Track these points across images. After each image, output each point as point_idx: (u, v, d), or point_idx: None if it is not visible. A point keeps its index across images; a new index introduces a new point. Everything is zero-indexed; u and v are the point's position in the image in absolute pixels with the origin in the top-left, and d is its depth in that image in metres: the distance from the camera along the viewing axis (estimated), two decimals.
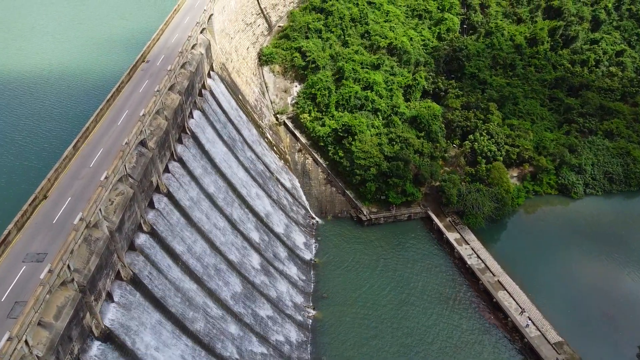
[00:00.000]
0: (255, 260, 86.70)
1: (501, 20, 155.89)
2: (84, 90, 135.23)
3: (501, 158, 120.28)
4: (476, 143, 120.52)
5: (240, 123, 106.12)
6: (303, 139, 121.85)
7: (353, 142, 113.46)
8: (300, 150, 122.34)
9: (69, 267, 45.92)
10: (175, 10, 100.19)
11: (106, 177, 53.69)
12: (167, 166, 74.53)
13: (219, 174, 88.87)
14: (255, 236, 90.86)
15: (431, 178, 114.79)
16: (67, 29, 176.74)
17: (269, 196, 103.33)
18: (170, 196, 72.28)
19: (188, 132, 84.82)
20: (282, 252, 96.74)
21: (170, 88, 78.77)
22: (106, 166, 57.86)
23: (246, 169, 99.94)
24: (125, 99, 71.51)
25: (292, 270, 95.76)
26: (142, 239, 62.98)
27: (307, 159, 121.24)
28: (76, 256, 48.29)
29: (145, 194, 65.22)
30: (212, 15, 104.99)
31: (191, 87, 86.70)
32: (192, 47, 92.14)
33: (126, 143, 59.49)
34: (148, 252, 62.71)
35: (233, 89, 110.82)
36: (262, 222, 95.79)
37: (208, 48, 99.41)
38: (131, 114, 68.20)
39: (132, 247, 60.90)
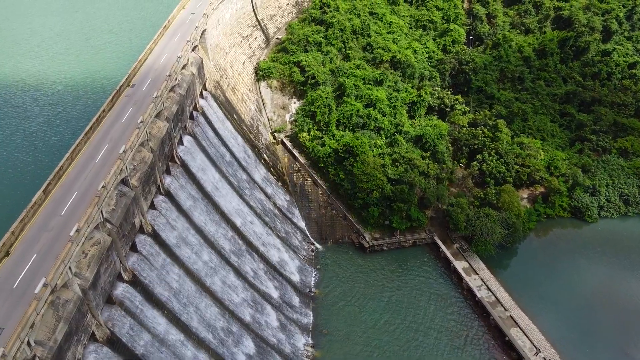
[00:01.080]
0: (248, 296, 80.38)
1: (509, 31, 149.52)
2: (64, 118, 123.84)
3: (511, 179, 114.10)
4: (485, 164, 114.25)
5: (234, 145, 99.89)
6: (302, 159, 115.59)
7: (355, 164, 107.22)
8: (298, 171, 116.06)
9: (28, 344, 39.65)
10: (165, 26, 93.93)
11: (77, 230, 47.40)
12: (152, 202, 68.27)
13: (210, 204, 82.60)
14: (249, 268, 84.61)
15: (438, 202, 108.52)
16: (51, 44, 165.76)
17: (265, 223, 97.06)
18: (155, 236, 66.01)
19: (177, 160, 78.59)
20: (279, 284, 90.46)
21: (157, 115, 72.56)
22: (80, 213, 51.57)
23: (240, 195, 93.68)
24: (105, 130, 65.22)
25: (290, 303, 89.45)
26: (121, 290, 56.69)
27: (306, 179, 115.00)
28: (39, 327, 42.03)
29: (127, 238, 58.96)
30: (205, 30, 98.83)
31: (181, 112, 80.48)
32: (183, 67, 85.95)
33: (103, 187, 53.19)
34: (128, 305, 56.41)
35: (227, 108, 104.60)
36: (258, 253, 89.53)
37: (200, 67, 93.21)
38: (112, 148, 61.93)
39: (109, 300, 54.62)
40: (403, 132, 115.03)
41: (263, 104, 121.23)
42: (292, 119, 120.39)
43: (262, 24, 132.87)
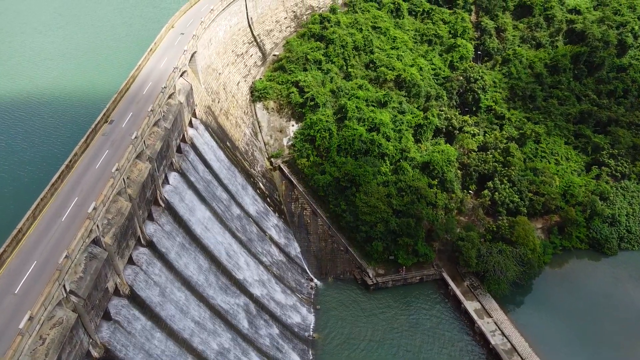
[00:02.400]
0: (239, 352, 72.60)
1: (519, 46, 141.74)
2: (31, 163, 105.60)
3: (525, 209, 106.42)
4: (497, 193, 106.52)
5: (227, 177, 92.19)
6: (300, 187, 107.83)
7: (357, 194, 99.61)
8: (297, 200, 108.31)
9: None
10: (151, 49, 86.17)
11: (30, 319, 39.68)
12: (131, 256, 60.51)
13: (199, 249, 74.81)
14: (243, 320, 76.80)
15: (447, 235, 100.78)
16: (27, 67, 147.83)
17: (260, 262, 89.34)
18: (133, 297, 58.22)
19: (162, 203, 70.84)
20: (275, 331, 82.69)
21: (138, 156, 64.83)
22: (39, 290, 43.86)
23: (233, 234, 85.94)
24: (76, 180, 57.45)
25: (287, 354, 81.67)
26: None
27: (305, 209, 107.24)
28: None
29: (98, 308, 51.18)
30: (195, 53, 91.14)
31: (166, 148, 72.75)
32: (169, 97, 78.24)
33: (67, 256, 45.44)
34: None
35: (220, 136, 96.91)
36: (252, 299, 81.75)
37: (189, 94, 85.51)
38: (82, 202, 54.17)
39: None
40: (409, 159, 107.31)
41: (259, 126, 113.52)
42: (290, 143, 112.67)
43: (259, 40, 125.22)
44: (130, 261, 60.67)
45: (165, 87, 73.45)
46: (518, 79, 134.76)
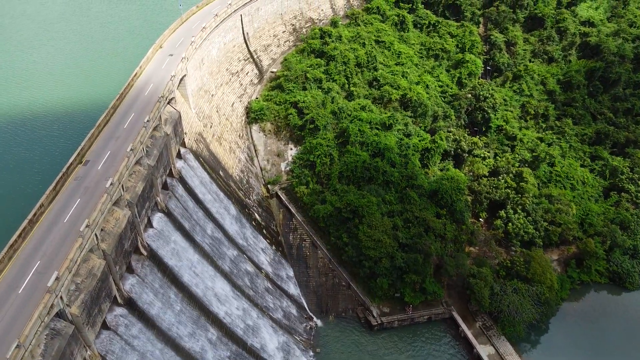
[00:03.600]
0: None
1: (531, 61, 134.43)
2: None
3: (540, 240, 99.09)
4: (510, 223, 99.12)
5: (219, 211, 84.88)
6: (299, 216, 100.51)
7: (360, 226, 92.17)
8: (295, 230, 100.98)
9: None
10: (135, 74, 78.79)
11: None
12: (105, 321, 53.16)
13: (186, 299, 67.49)
14: None
15: (457, 271, 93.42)
16: (6, 88, 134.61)
17: (255, 304, 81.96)
18: None
19: (144, 251, 63.54)
20: None
21: (116, 203, 57.56)
22: None
23: (226, 275, 78.59)
24: (40, 238, 50.10)
25: None
26: None
27: (305, 240, 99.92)
28: None
29: None
30: (184, 76, 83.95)
31: (149, 189, 65.47)
32: (154, 129, 70.99)
33: (17, 346, 38.16)
34: None
35: (212, 165, 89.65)
36: (246, 348, 74.36)
37: (177, 122, 78.25)
38: (45, 267, 46.86)
39: None
40: (416, 187, 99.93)
41: (255, 150, 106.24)
42: (288, 168, 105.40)
43: (255, 56, 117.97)
44: (105, 326, 53.32)
45: (148, 121, 66.16)
46: (530, 96, 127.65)
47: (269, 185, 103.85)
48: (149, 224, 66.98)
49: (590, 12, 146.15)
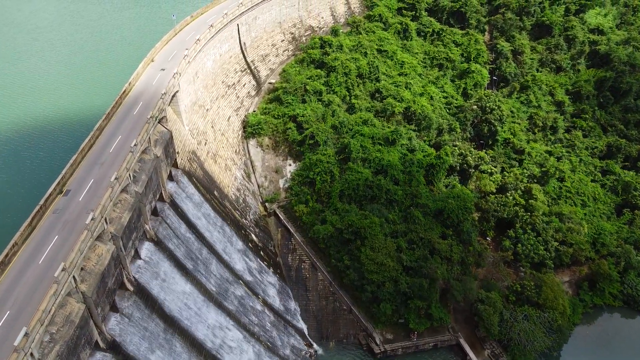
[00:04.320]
0: None
1: (538, 71, 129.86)
2: None
3: (551, 262, 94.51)
4: (520, 244, 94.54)
5: (214, 235, 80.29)
6: (298, 236, 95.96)
7: (362, 249, 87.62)
8: (294, 250, 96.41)
9: None
10: (124, 92, 74.16)
11: None
12: None
13: (177, 335, 62.85)
14: None
15: (464, 296, 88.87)
16: None
17: (252, 334, 77.29)
18: None
19: (130, 286, 58.94)
20: None
21: (98, 237, 53.00)
22: None
23: (220, 304, 73.96)
24: (11, 283, 45.48)
25: None
26: None
27: (304, 262, 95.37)
28: None
29: None
30: (177, 92, 79.37)
31: (136, 218, 60.90)
32: (143, 152, 66.44)
33: None
34: None
35: (206, 184, 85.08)
36: None
37: (169, 143, 73.70)
38: (14, 318, 42.27)
39: None
40: (420, 205, 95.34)
41: (252, 167, 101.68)
42: (286, 185, 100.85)
43: (253, 67, 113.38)
44: None
45: (136, 145, 61.58)
46: (537, 107, 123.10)
47: (266, 204, 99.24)
48: (137, 255, 62.39)
49: (599, 20, 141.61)
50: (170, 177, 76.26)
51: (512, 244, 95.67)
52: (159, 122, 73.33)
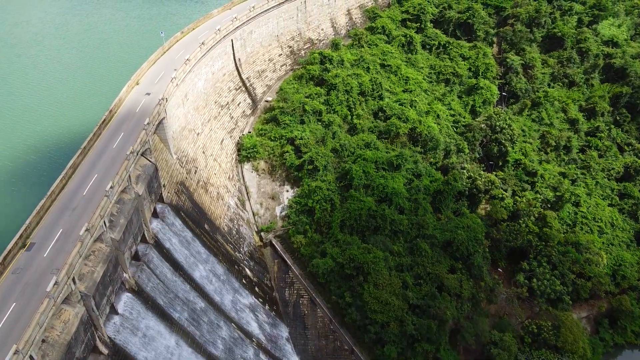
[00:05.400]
0: None
1: (550, 86, 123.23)
2: None
3: (568, 297, 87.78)
4: (535, 279, 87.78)
5: (203, 274, 73.56)
6: (296, 269, 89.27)
7: (365, 285, 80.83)
8: (292, 284, 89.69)
9: None
10: (104, 121, 67.46)
11: None
12: None
13: None
14: None
15: (475, 337, 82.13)
16: None
17: None
18: None
19: (105, 348, 52.11)
20: None
21: (65, 300, 46.34)
22: None
23: (209, 355, 67.23)
24: None
25: None
26: None
27: (302, 297, 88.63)
28: None
29: None
30: (163, 119, 72.75)
31: (112, 269, 54.21)
32: (123, 191, 59.82)
33: None
34: None
35: (196, 218, 78.40)
36: None
37: (152, 178, 67.05)
38: None
39: None
40: (427, 236, 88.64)
41: (247, 193, 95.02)
42: (283, 213, 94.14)
43: (248, 84, 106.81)
44: None
45: (112, 187, 54.92)
46: (550, 125, 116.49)
47: (262, 233, 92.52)
48: (113, 311, 55.62)
49: (613, 31, 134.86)
50: (155, 214, 69.59)
51: (526, 277, 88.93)
52: (142, 155, 66.73)
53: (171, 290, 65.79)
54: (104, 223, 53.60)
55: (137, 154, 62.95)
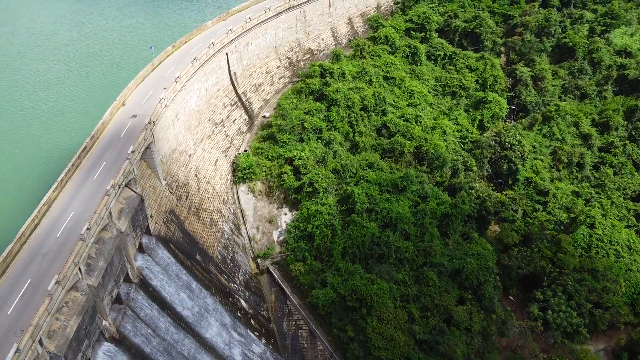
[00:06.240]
0: None
1: (560, 98, 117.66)
2: None
3: (585, 329, 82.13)
4: (550, 311, 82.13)
5: (194, 311, 68.02)
6: (295, 298, 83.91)
7: (368, 319, 75.33)
8: (290, 315, 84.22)
9: None
10: (84, 149, 61.87)
11: None
12: None
13: None
14: None
15: None
16: None
17: None
18: None
19: None
20: None
21: None
22: None
23: None
24: None
25: None
26: None
27: (301, 328, 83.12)
28: None
29: None
30: (151, 143, 67.30)
31: (89, 320, 48.69)
32: (104, 229, 54.36)
33: None
34: None
35: (187, 249, 72.86)
36: None
37: (138, 210, 61.59)
38: None
39: None
40: (434, 265, 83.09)
41: (243, 217, 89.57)
42: (281, 237, 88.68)
43: (244, 99, 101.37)
44: None
45: (88, 229, 49.40)
46: (562, 140, 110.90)
47: (258, 260, 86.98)
48: None
49: (626, 40, 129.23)
50: (141, 249, 64.08)
51: (540, 308, 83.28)
52: (126, 186, 61.26)
53: (158, 334, 60.23)
54: (79, 270, 48.08)
55: (120, 187, 57.48)
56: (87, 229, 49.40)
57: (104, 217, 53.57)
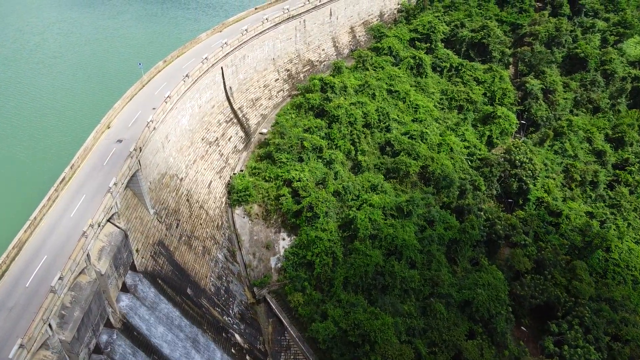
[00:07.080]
0: None
1: (572, 112, 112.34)
2: None
3: None
4: (566, 347, 76.76)
5: (183, 352, 62.76)
6: (294, 330, 78.58)
7: (372, 356, 70.16)
8: (288, 348, 78.88)
9: None
10: (63, 180, 56.60)
11: None
12: None
13: None
14: None
15: None
16: None
17: None
18: None
19: None
20: None
21: None
22: None
23: None
24: None
25: None
26: None
27: None
28: None
29: None
30: (137, 171, 62.10)
31: None
32: (80, 274, 49.14)
33: None
34: None
35: (176, 284, 67.63)
36: None
37: (122, 247, 56.41)
38: None
39: None
40: (442, 296, 77.81)
41: (238, 242, 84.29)
42: (279, 264, 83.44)
43: (240, 115, 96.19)
44: None
45: (61, 278, 44.18)
46: (574, 157, 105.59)
47: (255, 288, 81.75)
48: None
49: (639, 50, 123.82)
50: (125, 288, 58.85)
51: (556, 342, 77.95)
52: (108, 221, 56.04)
53: None
54: (49, 327, 42.85)
55: (100, 226, 52.25)
56: (60, 278, 44.16)
57: (81, 262, 48.34)
